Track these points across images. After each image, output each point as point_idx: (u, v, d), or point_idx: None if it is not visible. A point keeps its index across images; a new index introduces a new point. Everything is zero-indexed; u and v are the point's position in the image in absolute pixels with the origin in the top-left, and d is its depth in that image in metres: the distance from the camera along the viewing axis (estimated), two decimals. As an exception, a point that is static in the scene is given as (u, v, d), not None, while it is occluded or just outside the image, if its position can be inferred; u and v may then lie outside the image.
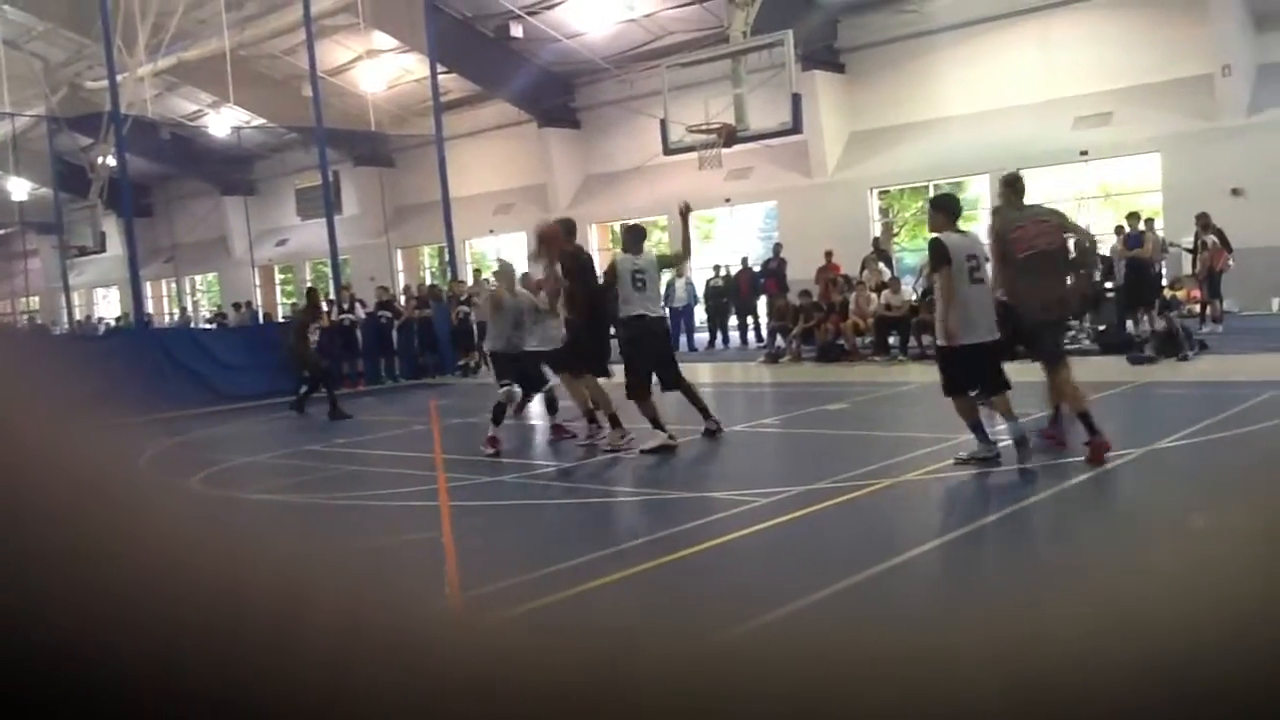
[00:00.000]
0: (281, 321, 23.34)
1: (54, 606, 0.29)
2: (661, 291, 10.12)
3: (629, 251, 9.48)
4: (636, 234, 9.68)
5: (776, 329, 17.95)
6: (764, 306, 20.17)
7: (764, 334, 19.49)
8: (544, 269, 9.55)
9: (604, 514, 7.42)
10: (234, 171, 34.75)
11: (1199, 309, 17.31)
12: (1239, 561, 0.34)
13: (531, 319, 9.89)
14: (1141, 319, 14.59)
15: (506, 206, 29.54)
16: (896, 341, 16.12)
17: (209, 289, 39.92)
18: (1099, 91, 20.84)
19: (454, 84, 26.86)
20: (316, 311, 14.74)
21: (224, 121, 29.97)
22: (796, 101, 16.96)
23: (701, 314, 22.72)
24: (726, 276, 21.16)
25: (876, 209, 24.36)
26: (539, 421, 11.11)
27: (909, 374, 13.85)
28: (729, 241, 26.36)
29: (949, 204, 7.80)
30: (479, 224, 29.06)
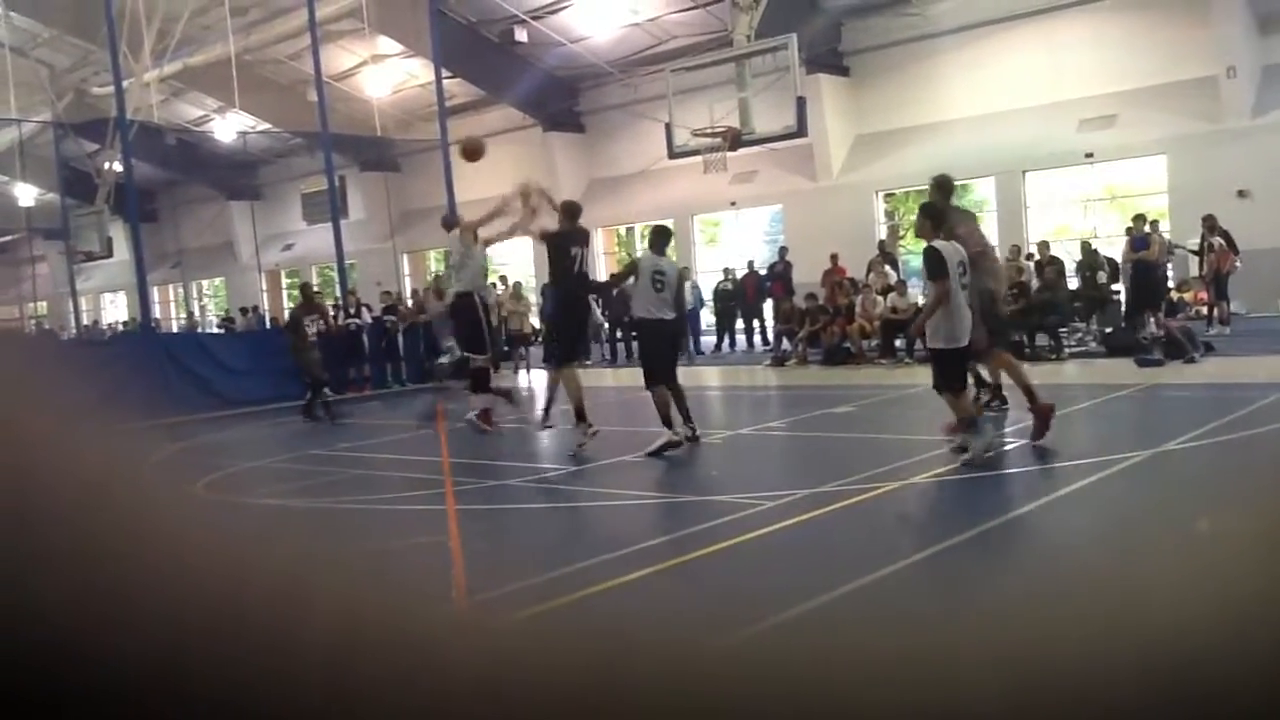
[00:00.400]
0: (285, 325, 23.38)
1: (58, 609, 0.29)
2: (681, 297, 10.36)
3: (654, 250, 9.55)
4: (663, 235, 9.78)
5: (783, 332, 17.94)
6: (770, 310, 20.17)
7: (770, 337, 19.48)
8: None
9: (610, 517, 7.41)
10: (240, 177, 34.84)
11: (1206, 311, 17.28)
12: (1247, 564, 0.34)
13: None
14: (1148, 321, 14.58)
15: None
16: (903, 344, 16.10)
17: (216, 294, 40.01)
18: (1104, 94, 20.82)
19: (459, 89, 26.91)
20: (311, 306, 14.88)
21: (229, 127, 30.05)
22: (801, 105, 16.97)
23: (708, 317, 22.72)
24: (733, 280, 21.15)
25: (882, 212, 24.35)
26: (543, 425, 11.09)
27: (915, 377, 13.80)
28: (735, 245, 26.38)
29: (936, 212, 7.91)
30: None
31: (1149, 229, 15.91)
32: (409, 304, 19.77)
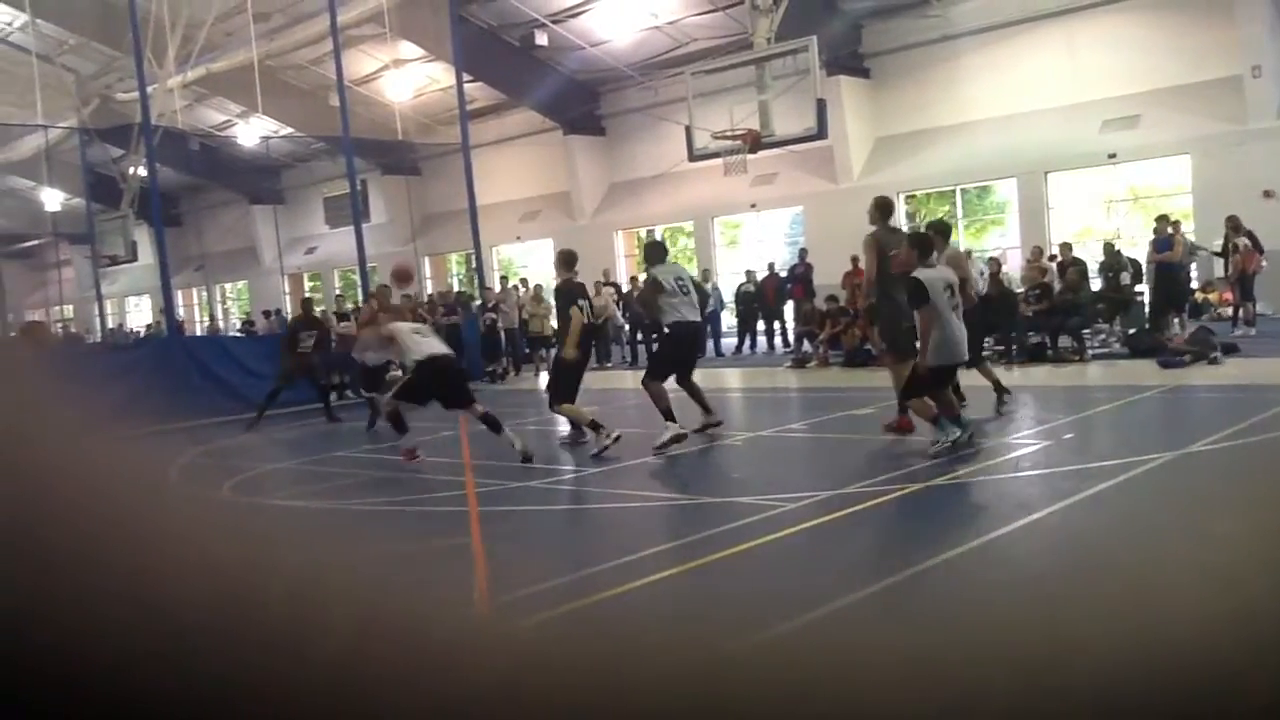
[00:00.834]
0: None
1: (78, 611, 0.29)
2: (704, 298, 10.83)
3: (655, 265, 10.07)
4: (659, 250, 10.41)
5: (803, 334, 17.91)
6: (791, 311, 20.15)
7: (791, 339, 19.46)
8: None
9: (631, 519, 7.43)
10: (262, 181, 35.08)
11: (1231, 312, 17.15)
12: (1271, 565, 0.34)
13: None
14: (1172, 322, 14.48)
15: (532, 214, 29.67)
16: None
17: (239, 297, 40.27)
18: (1127, 94, 20.71)
19: (480, 92, 27.02)
20: (309, 320, 15.09)
21: (252, 131, 30.26)
22: (821, 107, 16.93)
23: (729, 319, 22.71)
24: (754, 282, 21.14)
25: (904, 214, 24.28)
26: (563, 428, 11.13)
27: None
28: (755, 247, 26.36)
29: (923, 242, 8.30)
30: (505, 231, 29.20)
31: (1172, 230, 15.80)
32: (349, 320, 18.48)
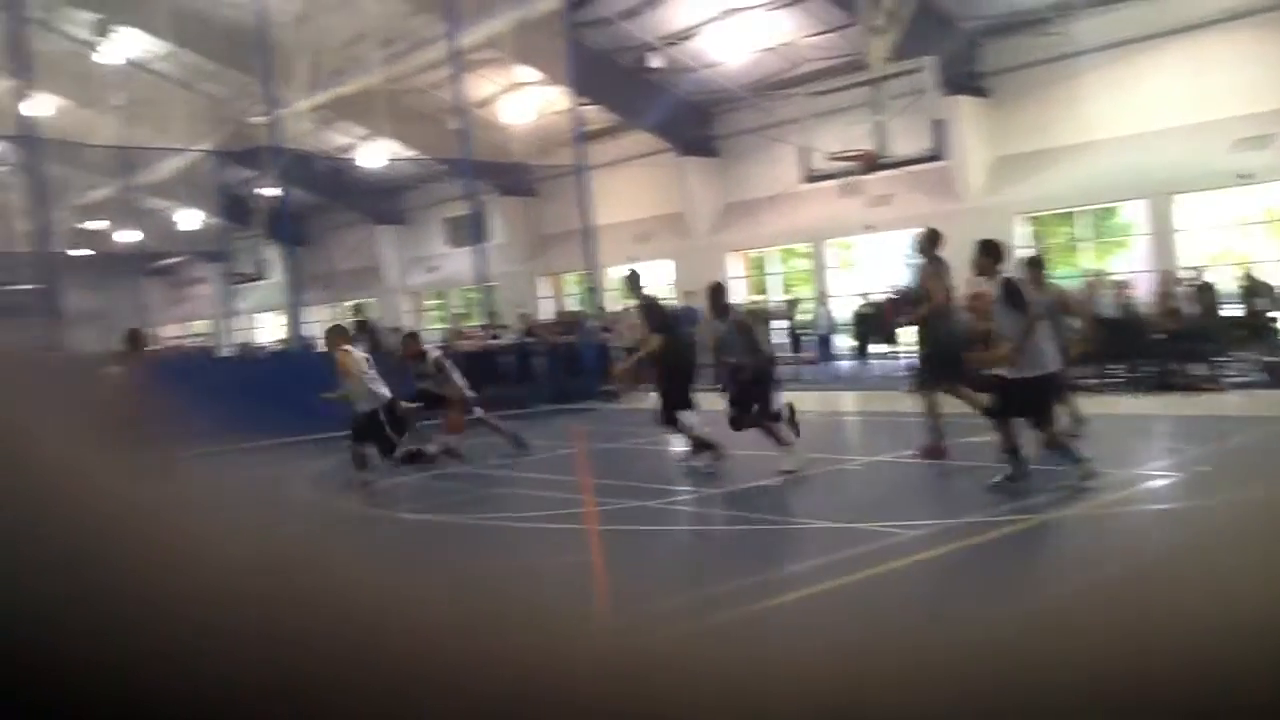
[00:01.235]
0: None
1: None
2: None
3: (717, 315, 10.32)
4: (719, 294, 10.50)
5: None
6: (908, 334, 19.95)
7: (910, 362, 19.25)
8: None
9: (745, 541, 7.48)
10: (385, 201, 36.17)
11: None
12: None
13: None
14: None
15: (646, 235, 29.93)
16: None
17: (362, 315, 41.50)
18: (1259, 112, 19.95)
19: (595, 115, 27.44)
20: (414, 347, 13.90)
21: (375, 153, 31.26)
22: (939, 127, 16.80)
23: (842, 340, 22.59)
24: (872, 304, 20.99)
25: (1021, 235, 23.81)
26: (680, 447, 11.23)
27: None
28: (871, 269, 26.13)
29: (994, 249, 8.31)
30: (619, 252, 29.50)
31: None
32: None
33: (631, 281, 11.22)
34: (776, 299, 27.37)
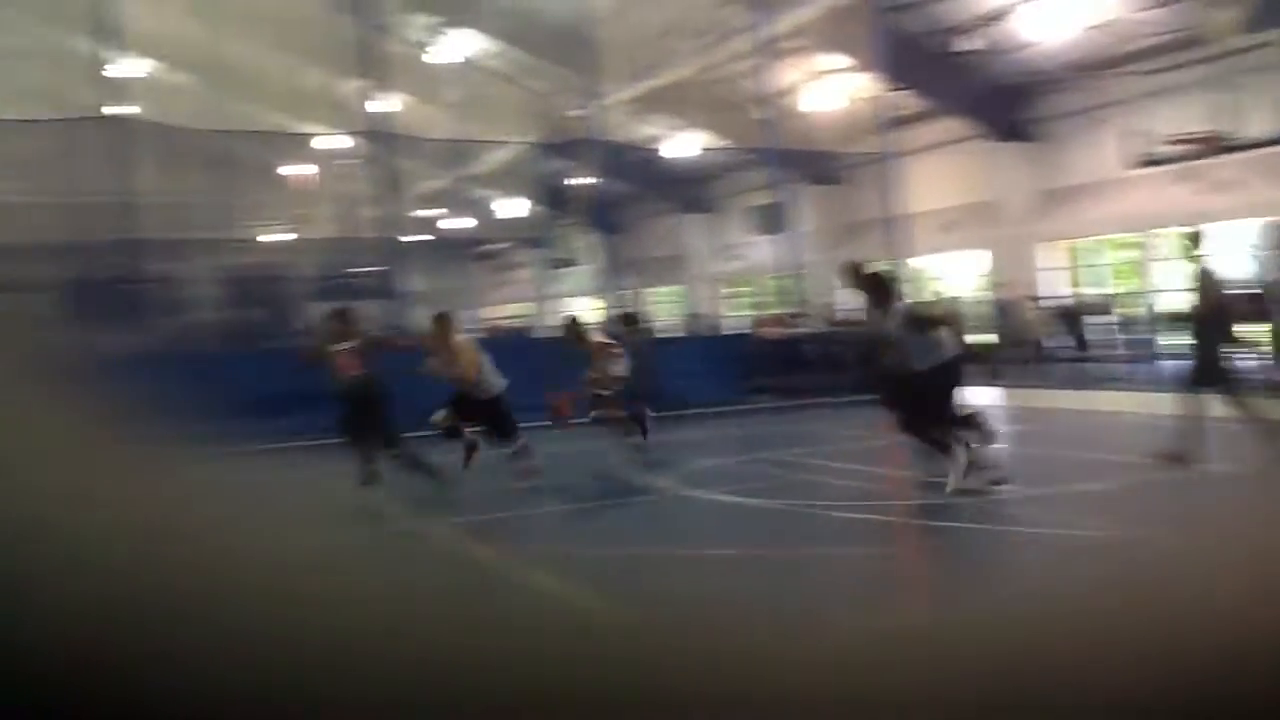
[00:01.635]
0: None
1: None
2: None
3: (876, 305, 8.97)
4: (878, 282, 9.22)
5: None
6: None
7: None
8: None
9: (1053, 549, 7.20)
10: (692, 190, 37.07)
11: None
12: None
13: None
14: None
15: (952, 224, 29.03)
16: None
17: (662, 300, 42.80)
18: None
19: (902, 101, 26.87)
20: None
21: (686, 144, 32.10)
22: (1295, 106, 15.27)
23: (1171, 338, 21.02)
24: (1210, 299, 19.37)
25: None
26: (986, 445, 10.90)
27: None
28: (1213, 262, 23.98)
29: None
30: (924, 242, 28.79)
31: None
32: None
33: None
34: (1096, 292, 25.84)
